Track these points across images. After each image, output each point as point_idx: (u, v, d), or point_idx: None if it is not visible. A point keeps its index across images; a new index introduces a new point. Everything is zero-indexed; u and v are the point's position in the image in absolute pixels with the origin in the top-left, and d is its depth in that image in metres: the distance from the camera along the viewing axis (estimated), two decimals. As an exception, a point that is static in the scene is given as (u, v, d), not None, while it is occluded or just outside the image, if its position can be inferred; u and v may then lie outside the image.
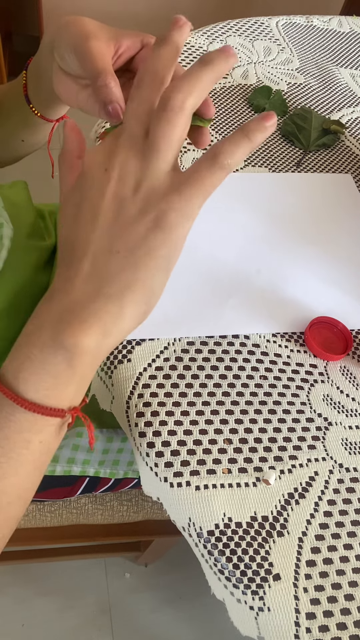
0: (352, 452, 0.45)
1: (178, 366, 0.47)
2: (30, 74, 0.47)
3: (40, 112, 0.49)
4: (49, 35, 0.39)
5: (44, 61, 0.42)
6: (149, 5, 2.07)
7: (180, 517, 0.40)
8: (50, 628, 1.03)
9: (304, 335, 0.51)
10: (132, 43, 0.38)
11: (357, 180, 0.67)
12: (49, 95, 0.45)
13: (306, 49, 0.86)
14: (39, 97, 0.48)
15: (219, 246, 0.56)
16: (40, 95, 0.47)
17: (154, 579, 1.11)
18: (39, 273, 0.65)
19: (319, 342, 0.50)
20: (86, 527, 0.81)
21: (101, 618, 1.06)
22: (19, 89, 0.49)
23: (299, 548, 0.40)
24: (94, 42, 0.35)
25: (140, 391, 0.45)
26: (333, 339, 0.51)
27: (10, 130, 0.55)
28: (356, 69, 0.85)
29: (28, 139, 0.56)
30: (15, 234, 0.63)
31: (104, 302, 0.30)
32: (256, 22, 0.88)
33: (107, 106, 0.35)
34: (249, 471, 0.42)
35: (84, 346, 0.29)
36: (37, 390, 0.30)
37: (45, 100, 0.47)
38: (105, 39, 0.37)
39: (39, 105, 0.49)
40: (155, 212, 0.30)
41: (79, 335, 0.29)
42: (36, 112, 0.49)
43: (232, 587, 0.38)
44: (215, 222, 0.58)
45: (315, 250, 0.58)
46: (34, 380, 0.30)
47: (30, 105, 0.48)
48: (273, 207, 0.61)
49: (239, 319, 0.51)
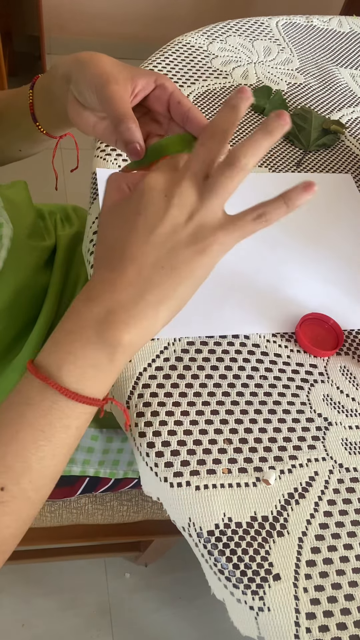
0: (352, 452, 0.45)
1: (178, 366, 0.47)
2: (38, 94, 0.48)
3: (47, 130, 0.51)
4: (64, 67, 0.43)
5: (57, 89, 0.44)
6: (149, 5, 2.07)
7: (180, 517, 0.40)
8: (50, 628, 1.03)
9: (295, 330, 0.51)
10: (146, 83, 0.42)
11: (357, 180, 0.67)
12: (59, 118, 0.48)
13: (306, 49, 0.86)
14: (48, 119, 0.49)
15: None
16: (49, 117, 0.49)
17: (154, 579, 1.11)
18: (39, 273, 0.65)
19: (310, 338, 0.51)
20: (86, 527, 0.81)
21: (101, 618, 1.06)
22: (23, 105, 0.50)
23: (299, 548, 0.40)
24: (114, 87, 0.39)
25: (140, 391, 0.45)
26: (324, 335, 0.52)
27: (9, 140, 0.56)
28: (356, 69, 0.85)
29: (26, 150, 0.57)
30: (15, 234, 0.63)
31: (145, 307, 0.34)
32: (256, 22, 0.88)
33: (129, 145, 0.39)
34: (249, 471, 0.42)
35: (125, 344, 0.34)
36: (79, 381, 0.34)
37: (54, 123, 0.49)
38: (123, 81, 0.40)
39: (46, 125, 0.50)
40: (203, 243, 0.35)
41: (122, 334, 0.34)
42: (43, 130, 0.50)
43: (232, 587, 0.38)
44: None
45: (316, 250, 0.58)
46: (76, 373, 0.34)
47: (37, 124, 0.50)
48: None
49: (239, 319, 0.51)
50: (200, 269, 0.35)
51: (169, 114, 0.43)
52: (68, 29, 2.07)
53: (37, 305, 0.63)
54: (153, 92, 0.43)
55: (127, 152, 0.40)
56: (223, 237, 0.35)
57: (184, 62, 0.75)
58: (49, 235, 0.72)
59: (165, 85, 0.42)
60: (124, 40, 2.15)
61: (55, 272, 0.67)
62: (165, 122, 0.44)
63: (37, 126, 0.50)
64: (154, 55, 0.76)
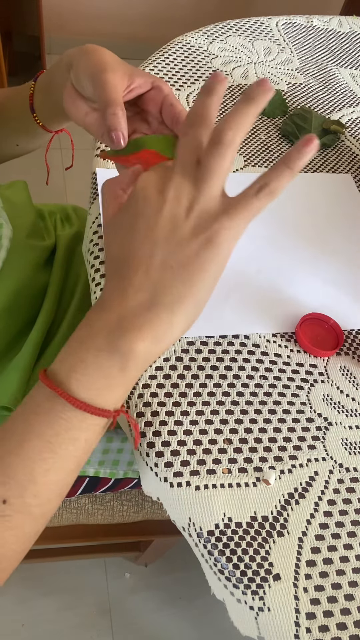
0: (352, 452, 0.45)
1: (178, 366, 0.47)
2: (39, 86, 0.49)
3: (43, 122, 0.51)
4: (68, 56, 0.43)
5: (59, 77, 0.45)
6: (150, 5, 2.07)
7: (180, 517, 0.40)
8: (50, 628, 1.03)
9: (295, 330, 0.51)
10: (143, 82, 0.43)
11: (357, 180, 0.67)
12: (56, 109, 0.47)
13: (306, 49, 0.86)
14: (45, 109, 0.49)
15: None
16: (46, 107, 0.49)
17: (154, 579, 1.11)
18: (39, 273, 0.65)
19: (310, 338, 0.51)
20: (86, 527, 0.81)
21: (101, 618, 1.06)
22: (24, 97, 0.50)
23: (299, 548, 0.40)
24: (110, 74, 0.39)
25: (140, 391, 0.45)
26: (324, 335, 0.52)
27: (6, 134, 0.56)
28: (356, 69, 0.85)
29: (23, 145, 0.57)
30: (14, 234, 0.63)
31: (158, 311, 0.32)
32: (256, 22, 0.88)
33: (111, 132, 0.39)
34: (249, 471, 0.42)
35: (138, 351, 0.33)
36: (88, 391, 0.33)
37: (51, 114, 0.49)
38: (121, 73, 0.41)
39: (43, 116, 0.50)
40: (207, 232, 0.32)
41: (134, 342, 0.32)
42: (39, 122, 0.51)
43: (232, 587, 0.38)
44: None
45: (315, 250, 0.58)
46: (86, 382, 0.33)
47: (34, 115, 0.50)
48: (273, 207, 0.61)
49: (239, 319, 0.51)
50: (212, 262, 0.33)
51: (160, 117, 0.44)
52: (68, 29, 2.07)
53: (37, 305, 0.63)
54: (148, 92, 0.43)
55: (109, 139, 0.39)
56: (228, 221, 0.32)
57: (184, 62, 0.75)
58: (48, 235, 0.72)
59: (161, 87, 0.43)
60: (124, 40, 2.15)
61: (55, 272, 0.67)
62: (154, 124, 0.45)
63: (34, 117, 0.50)
64: (154, 55, 0.76)
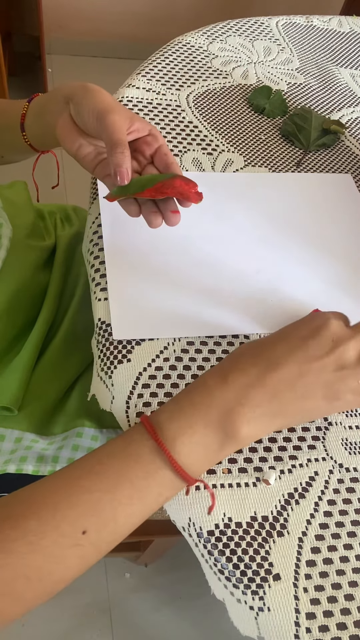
0: (352, 452, 0.45)
1: (178, 366, 0.47)
2: (33, 108, 0.51)
3: (31, 142, 0.53)
4: (68, 89, 0.46)
5: (53, 105, 0.48)
6: (150, 5, 2.07)
7: (180, 517, 0.40)
8: (50, 628, 1.03)
9: None
10: (142, 128, 0.47)
11: (357, 180, 0.67)
12: (46, 133, 0.50)
13: (306, 49, 0.86)
14: (35, 131, 0.51)
15: (219, 246, 0.56)
16: (36, 129, 0.51)
17: (154, 579, 1.11)
18: (38, 273, 0.65)
19: None
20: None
21: (101, 618, 1.06)
22: (16, 113, 0.52)
23: (299, 548, 0.40)
24: (116, 116, 0.43)
25: (140, 391, 0.45)
26: None
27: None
28: (356, 69, 0.85)
29: (8, 157, 0.59)
30: (14, 234, 0.63)
31: (265, 413, 0.37)
32: (256, 22, 0.88)
33: (119, 168, 0.43)
34: (249, 471, 0.42)
35: (239, 437, 0.36)
36: (188, 458, 0.36)
37: (39, 136, 0.52)
38: (124, 117, 0.45)
39: (32, 136, 0.52)
40: (335, 395, 0.38)
41: (241, 428, 0.36)
42: (27, 141, 0.52)
43: (232, 587, 0.38)
44: (215, 222, 0.58)
45: (315, 250, 0.58)
46: (189, 447, 0.36)
47: (24, 134, 0.52)
48: (273, 207, 0.61)
49: (239, 319, 0.51)
50: (320, 413, 0.39)
51: (150, 159, 0.48)
52: (68, 29, 2.07)
53: (37, 305, 0.63)
54: (145, 137, 0.48)
55: (115, 175, 0.43)
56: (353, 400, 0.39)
57: (184, 62, 0.75)
58: (48, 235, 0.72)
59: (157, 136, 0.48)
60: (124, 40, 2.15)
61: (55, 272, 0.67)
62: (143, 163, 0.48)
63: (23, 135, 0.52)
64: (154, 55, 0.76)
